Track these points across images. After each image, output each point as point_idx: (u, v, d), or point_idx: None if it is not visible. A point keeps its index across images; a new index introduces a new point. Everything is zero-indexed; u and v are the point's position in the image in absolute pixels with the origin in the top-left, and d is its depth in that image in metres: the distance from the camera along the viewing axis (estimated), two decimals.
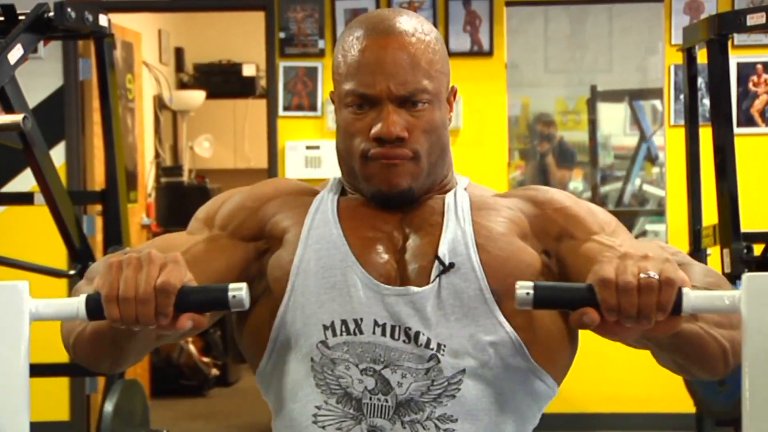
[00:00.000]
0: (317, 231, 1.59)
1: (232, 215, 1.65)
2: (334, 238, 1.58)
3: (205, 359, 6.77)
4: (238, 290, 1.36)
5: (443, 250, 1.55)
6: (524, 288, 1.33)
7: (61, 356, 3.01)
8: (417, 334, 1.52)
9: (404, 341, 1.52)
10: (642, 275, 1.29)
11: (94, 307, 1.36)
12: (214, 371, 6.79)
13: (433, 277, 1.54)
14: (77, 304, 1.36)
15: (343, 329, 1.53)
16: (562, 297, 1.34)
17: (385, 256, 1.58)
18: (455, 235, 1.57)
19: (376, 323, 1.53)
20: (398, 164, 1.58)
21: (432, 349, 1.52)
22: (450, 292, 1.53)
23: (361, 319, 1.53)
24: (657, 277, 1.29)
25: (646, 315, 1.29)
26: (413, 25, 1.62)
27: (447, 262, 1.54)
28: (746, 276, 1.28)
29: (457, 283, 1.54)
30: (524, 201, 1.64)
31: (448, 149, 1.66)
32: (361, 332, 1.53)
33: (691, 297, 1.30)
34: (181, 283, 1.36)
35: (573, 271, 1.57)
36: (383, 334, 1.52)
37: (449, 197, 1.64)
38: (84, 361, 1.56)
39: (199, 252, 1.60)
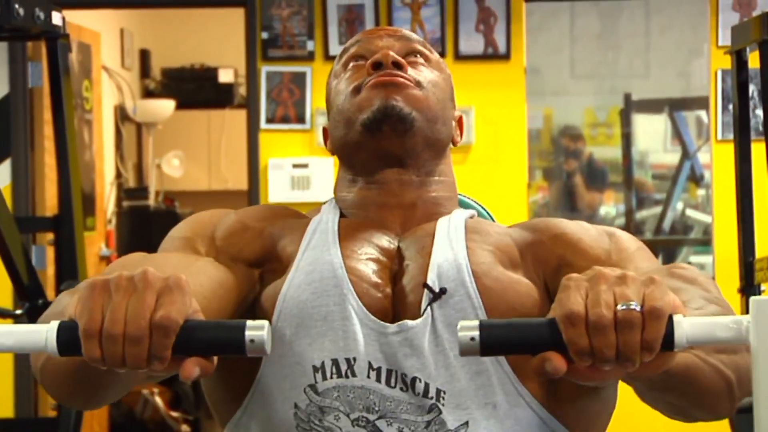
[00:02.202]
0: (312, 252, 1.61)
1: (232, 235, 1.64)
2: (330, 258, 1.59)
3: (174, 414, 6.75)
4: (258, 330, 1.21)
5: (432, 277, 1.57)
6: (468, 330, 1.21)
7: None
8: (414, 380, 1.53)
9: (401, 389, 1.53)
10: (620, 306, 1.17)
11: (67, 340, 1.21)
12: (185, 428, 6.77)
13: (423, 307, 1.55)
14: (46, 333, 1.21)
15: (334, 371, 1.53)
16: (519, 339, 1.21)
17: (381, 285, 1.59)
18: (446, 257, 1.58)
19: (371, 366, 1.53)
20: (398, 83, 1.66)
21: (431, 398, 1.52)
22: (444, 324, 1.54)
23: (354, 359, 1.53)
24: (638, 307, 1.17)
25: (628, 356, 1.17)
26: (416, 35, 1.77)
27: (437, 289, 1.55)
28: (754, 300, 1.20)
29: (451, 314, 1.54)
30: (518, 229, 1.67)
31: (451, 165, 1.75)
32: (353, 374, 1.53)
33: (686, 326, 1.19)
34: (185, 316, 1.20)
35: None
36: (378, 379, 1.53)
37: (442, 220, 1.66)
38: (53, 393, 1.45)
39: (198, 272, 1.52)
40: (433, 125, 1.67)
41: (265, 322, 1.21)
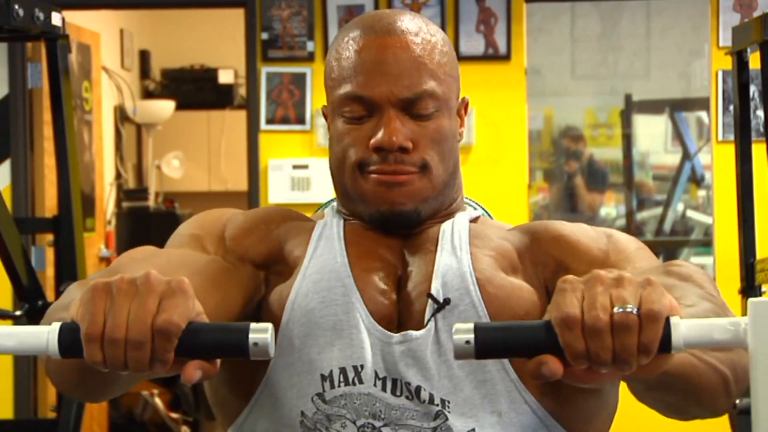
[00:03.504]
0: (320, 259, 1.60)
1: (240, 235, 1.64)
2: (337, 267, 1.59)
3: (174, 415, 6.75)
4: (261, 333, 1.20)
5: (436, 286, 1.56)
6: (463, 333, 1.21)
7: None
8: (418, 389, 1.53)
9: (407, 397, 1.53)
10: (616, 309, 1.17)
11: (69, 342, 1.21)
12: (184, 429, 6.77)
13: (426, 317, 1.55)
14: (47, 334, 1.21)
15: (342, 379, 1.53)
16: (514, 342, 1.21)
17: (387, 292, 1.59)
18: (450, 265, 1.58)
19: (377, 375, 1.54)
20: (402, 181, 1.59)
21: (437, 405, 1.52)
22: (449, 334, 1.53)
23: (362, 366, 1.53)
24: (636, 310, 1.17)
25: (625, 359, 1.17)
26: (417, 24, 1.64)
27: (441, 299, 1.55)
28: (752, 302, 1.19)
29: (455, 323, 1.53)
30: (516, 232, 1.66)
31: (459, 167, 1.67)
32: (360, 381, 1.53)
33: (683, 329, 1.19)
34: (188, 320, 1.20)
35: None
36: (383, 388, 1.53)
37: (446, 224, 1.65)
38: (57, 385, 1.45)
39: (209, 272, 1.54)
40: (441, 196, 1.64)
41: (269, 325, 1.21)
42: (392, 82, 1.58)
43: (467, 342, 1.20)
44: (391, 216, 1.61)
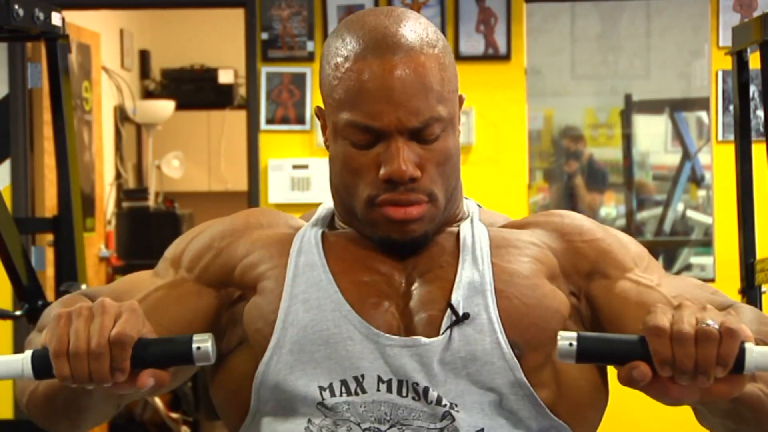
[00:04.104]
0: (304, 277, 1.60)
1: (198, 256, 1.67)
2: (323, 285, 1.59)
3: (174, 415, 6.75)
4: (203, 341, 1.40)
5: (457, 298, 1.56)
6: (566, 339, 1.37)
7: None
8: (426, 390, 1.53)
9: (414, 398, 1.53)
10: (700, 325, 1.33)
11: (41, 365, 1.41)
12: (184, 429, 6.78)
13: (443, 328, 1.55)
14: (22, 361, 1.42)
15: (343, 390, 1.54)
16: (609, 349, 1.37)
17: (386, 304, 1.58)
18: (472, 279, 1.58)
19: (380, 379, 1.54)
20: (415, 218, 1.58)
21: (444, 406, 1.53)
22: (462, 344, 1.54)
23: (363, 377, 1.54)
24: (717, 326, 1.33)
25: (704, 370, 1.32)
26: (419, 35, 1.58)
27: (461, 312, 1.55)
28: None
29: (470, 334, 1.55)
30: (549, 233, 1.65)
31: (460, 176, 1.66)
32: (363, 391, 1.54)
33: (755, 353, 1.34)
34: (139, 334, 1.40)
35: (606, 314, 1.60)
36: (389, 390, 1.54)
37: (465, 231, 1.64)
38: (40, 422, 1.61)
39: (159, 299, 1.64)
40: (446, 212, 1.63)
41: (209, 334, 1.41)
42: (400, 110, 1.54)
43: (570, 344, 1.37)
44: (402, 242, 1.60)
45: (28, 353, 1.42)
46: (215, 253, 1.66)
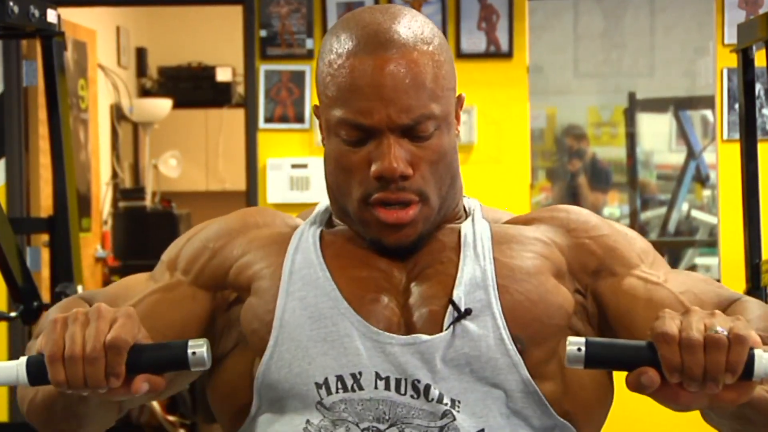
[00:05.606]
0: (300, 274, 1.60)
1: (194, 258, 1.67)
2: (320, 282, 1.59)
3: (171, 418, 6.75)
4: (199, 347, 1.42)
5: (459, 293, 1.56)
6: (575, 344, 1.39)
7: None
8: (427, 387, 1.53)
9: (412, 396, 1.53)
10: (709, 331, 1.34)
11: (36, 371, 1.42)
12: None
13: (446, 324, 1.55)
14: (17, 367, 1.44)
15: (339, 386, 1.54)
16: (618, 355, 1.39)
17: (385, 300, 1.58)
18: (473, 274, 1.58)
19: (378, 376, 1.54)
20: (408, 222, 1.57)
21: (445, 405, 1.53)
22: (465, 341, 1.54)
23: (360, 374, 1.54)
24: (726, 333, 1.34)
25: (713, 376, 1.34)
26: (413, 32, 1.57)
27: (463, 308, 1.55)
28: None
29: (473, 330, 1.54)
30: (554, 228, 1.65)
31: (458, 173, 1.65)
32: (360, 388, 1.54)
33: (765, 360, 1.35)
34: (134, 339, 1.42)
35: (614, 311, 1.60)
36: (387, 388, 1.53)
37: (466, 228, 1.64)
38: (40, 429, 1.62)
39: (154, 303, 1.64)
40: (441, 210, 1.62)
41: (204, 340, 1.43)
42: (390, 107, 1.54)
43: (579, 349, 1.39)
44: (395, 246, 1.60)
45: (23, 359, 1.43)
46: (210, 254, 1.66)
